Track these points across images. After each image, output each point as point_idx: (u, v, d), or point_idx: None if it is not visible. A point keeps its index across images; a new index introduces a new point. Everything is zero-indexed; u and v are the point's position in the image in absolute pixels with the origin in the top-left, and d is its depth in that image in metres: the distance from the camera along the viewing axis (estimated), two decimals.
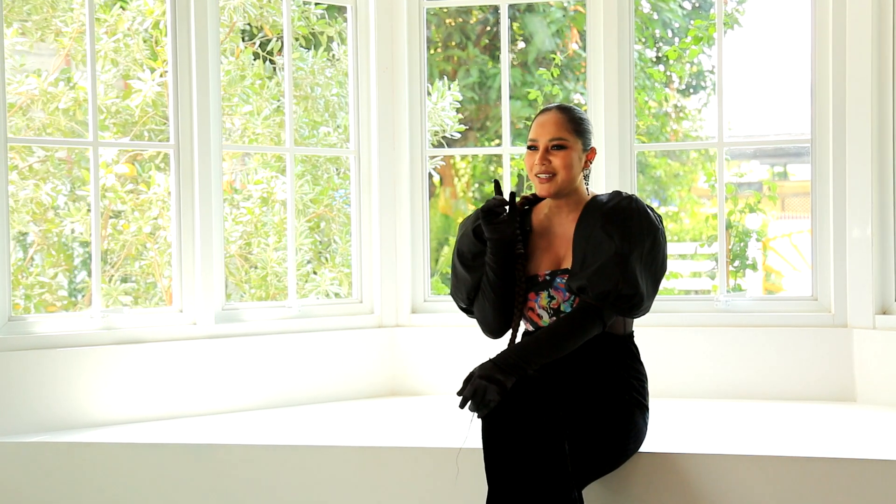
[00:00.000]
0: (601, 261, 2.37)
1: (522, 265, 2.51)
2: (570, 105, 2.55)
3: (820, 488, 2.45)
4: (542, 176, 2.48)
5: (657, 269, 2.44)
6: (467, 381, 2.33)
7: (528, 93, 5.90)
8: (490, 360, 2.34)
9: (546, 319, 2.50)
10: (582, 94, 7.69)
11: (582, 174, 2.52)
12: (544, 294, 2.49)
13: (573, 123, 2.49)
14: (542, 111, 2.54)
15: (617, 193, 2.50)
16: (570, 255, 2.49)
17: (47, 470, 2.84)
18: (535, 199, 2.63)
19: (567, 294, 2.46)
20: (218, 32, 3.37)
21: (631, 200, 2.45)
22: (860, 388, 3.31)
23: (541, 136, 2.48)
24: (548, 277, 2.49)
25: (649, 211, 2.46)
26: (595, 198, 2.50)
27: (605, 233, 2.39)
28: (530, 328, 2.56)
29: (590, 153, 2.52)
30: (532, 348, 2.36)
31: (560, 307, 2.47)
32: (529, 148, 2.51)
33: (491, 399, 2.26)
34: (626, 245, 2.37)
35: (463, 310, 2.64)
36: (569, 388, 2.42)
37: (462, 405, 2.31)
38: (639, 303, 2.39)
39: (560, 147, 2.46)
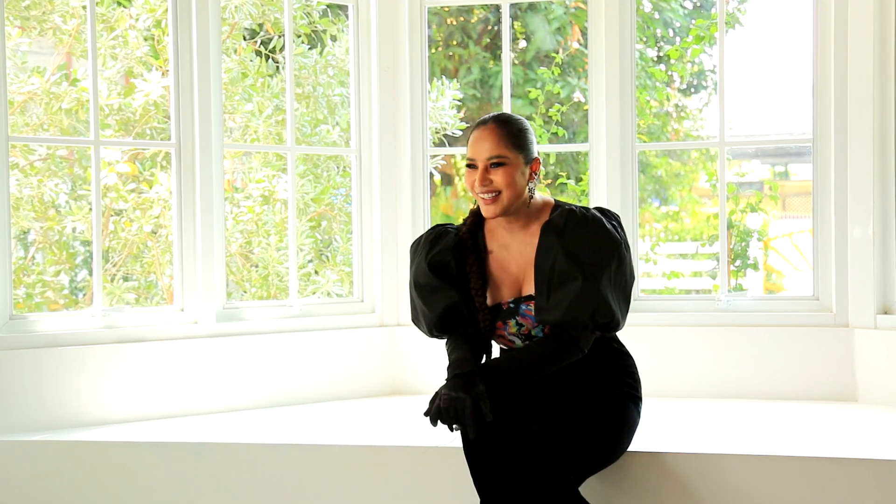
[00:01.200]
0: (571, 297, 2.28)
1: (482, 298, 2.42)
2: (509, 116, 2.39)
3: (821, 488, 2.45)
4: (486, 197, 2.34)
5: (626, 283, 2.37)
6: (433, 400, 2.28)
7: (529, 91, 5.90)
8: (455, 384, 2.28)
9: (519, 343, 2.44)
10: (584, 91, 7.69)
11: (528, 187, 2.38)
12: (512, 322, 2.41)
13: (512, 137, 2.34)
14: (478, 125, 2.38)
15: (569, 214, 2.35)
16: (529, 279, 2.40)
17: (48, 469, 2.84)
18: (480, 217, 2.49)
19: (535, 320, 2.37)
20: (219, 31, 3.37)
21: (586, 221, 2.33)
22: (861, 387, 3.31)
23: (478, 155, 2.34)
24: (511, 305, 2.41)
25: (606, 222, 2.34)
26: (549, 222, 2.37)
27: (568, 263, 2.29)
28: (504, 348, 2.51)
29: (534, 164, 2.38)
30: (502, 372, 2.30)
31: (531, 332, 2.41)
32: (468, 167, 2.38)
33: (464, 416, 2.20)
34: (591, 273, 2.28)
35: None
36: (558, 392, 2.40)
37: (433, 423, 2.26)
38: (615, 326, 2.34)
39: (500, 164, 2.32)
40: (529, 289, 2.40)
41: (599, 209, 2.41)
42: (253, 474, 2.76)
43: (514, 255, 2.43)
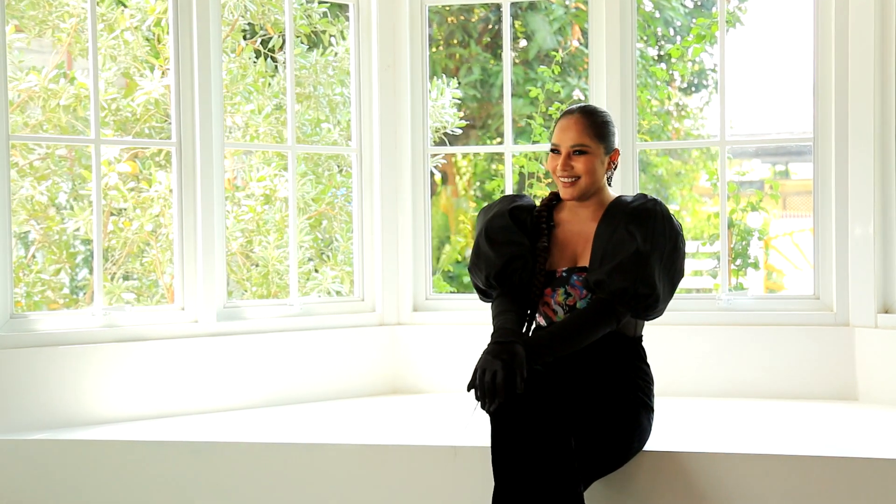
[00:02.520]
0: (620, 258, 2.39)
1: (543, 259, 2.51)
2: (594, 108, 2.55)
3: (822, 487, 2.45)
4: (565, 180, 2.50)
5: (675, 273, 2.46)
6: (475, 371, 2.31)
7: (530, 90, 5.90)
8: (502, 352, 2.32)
9: (560, 315, 2.50)
10: (584, 90, 7.69)
11: (606, 176, 2.54)
12: (561, 290, 2.50)
13: (595, 128, 2.50)
14: (565, 114, 2.54)
15: (642, 196, 2.52)
16: (587, 253, 2.50)
17: (50, 467, 2.84)
18: (558, 197, 2.64)
19: (584, 292, 2.47)
20: (220, 30, 3.37)
21: (656, 203, 2.47)
22: (862, 386, 3.31)
23: (563, 142, 2.50)
24: (564, 274, 2.50)
25: (672, 217, 2.48)
26: (620, 198, 2.53)
27: (627, 232, 2.41)
28: (543, 322, 2.56)
29: (613, 155, 2.55)
30: (543, 342, 2.36)
31: (576, 304, 2.48)
32: (552, 151, 2.53)
33: (495, 384, 2.24)
34: (647, 245, 2.39)
35: (479, 290, 2.61)
36: (576, 386, 2.43)
37: (478, 397, 2.29)
38: (654, 304, 2.41)
39: (582, 153, 2.48)
40: (584, 262, 2.50)
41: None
42: (253, 473, 2.76)
43: (578, 230, 2.55)
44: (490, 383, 2.25)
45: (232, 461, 2.78)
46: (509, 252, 2.52)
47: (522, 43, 8.17)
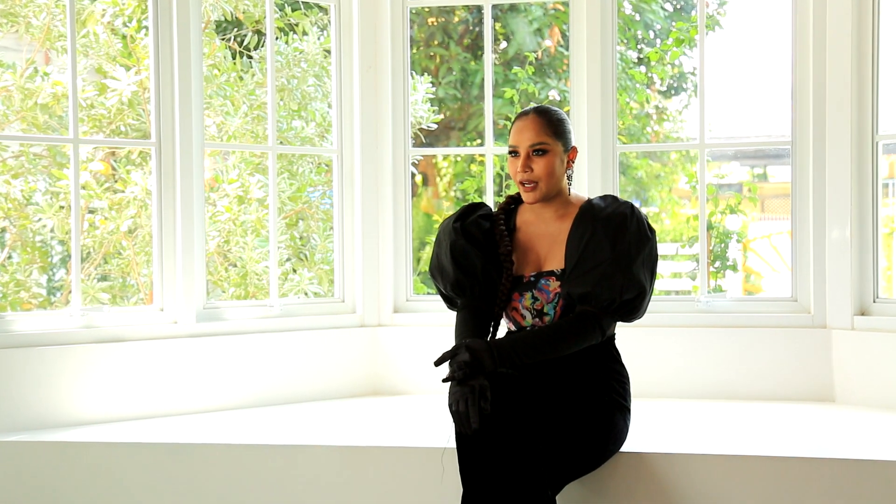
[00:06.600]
0: (603, 268, 2.37)
1: (509, 265, 2.51)
2: (548, 107, 2.54)
3: (798, 488, 2.47)
4: (527, 185, 2.48)
5: (653, 273, 2.47)
6: (454, 350, 2.32)
7: (505, 92, 5.91)
8: (485, 341, 2.34)
9: (529, 320, 2.50)
10: (563, 91, 7.72)
11: (565, 175, 2.53)
12: (528, 295, 2.49)
13: (552, 126, 2.48)
14: (520, 115, 2.53)
15: (614, 199, 2.50)
16: (553, 256, 2.49)
17: (26, 469, 2.81)
18: (519, 199, 2.63)
19: (551, 296, 2.46)
20: (200, 29, 3.35)
21: (631, 207, 2.46)
22: (839, 388, 3.33)
23: (521, 143, 2.48)
24: (532, 279, 2.50)
25: (644, 218, 2.48)
26: (591, 202, 2.51)
27: (605, 238, 2.39)
28: (513, 327, 2.56)
29: (571, 153, 2.53)
30: (528, 343, 2.36)
31: (543, 308, 2.48)
32: (511, 154, 2.51)
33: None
34: (628, 251, 2.38)
35: (442, 295, 2.63)
36: (547, 389, 2.43)
37: (438, 363, 2.32)
38: (639, 304, 2.42)
39: (541, 152, 2.46)
40: (551, 265, 2.49)
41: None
42: (233, 475, 2.75)
43: (541, 233, 2.54)
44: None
45: (211, 463, 2.77)
46: (464, 272, 2.52)
47: (503, 45, 8.19)
